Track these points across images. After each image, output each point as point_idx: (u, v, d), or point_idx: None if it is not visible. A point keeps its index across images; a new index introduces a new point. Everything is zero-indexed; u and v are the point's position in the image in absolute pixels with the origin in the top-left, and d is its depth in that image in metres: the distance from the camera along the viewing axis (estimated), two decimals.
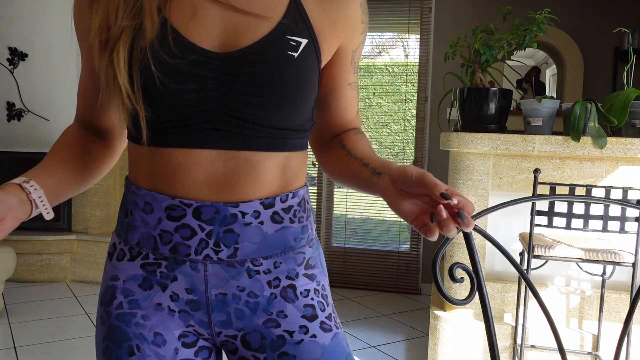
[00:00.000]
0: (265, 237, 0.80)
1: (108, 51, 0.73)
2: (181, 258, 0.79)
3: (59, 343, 2.85)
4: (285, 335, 0.82)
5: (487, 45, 2.30)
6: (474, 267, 0.95)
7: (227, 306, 0.81)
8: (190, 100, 0.74)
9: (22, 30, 3.94)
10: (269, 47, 0.75)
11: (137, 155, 0.81)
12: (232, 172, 0.77)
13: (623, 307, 2.33)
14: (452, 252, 2.46)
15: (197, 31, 0.74)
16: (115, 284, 0.82)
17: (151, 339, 0.80)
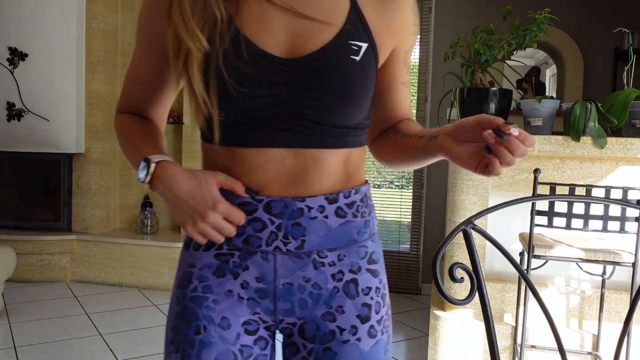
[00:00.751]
0: (330, 230, 0.85)
1: (182, 59, 0.78)
2: (253, 249, 0.85)
3: (59, 343, 2.85)
4: (336, 331, 0.87)
5: (487, 45, 2.30)
6: (474, 267, 0.95)
7: (292, 295, 0.86)
8: (262, 104, 0.79)
9: (22, 30, 3.94)
10: (334, 53, 0.81)
11: (212, 154, 0.87)
12: (300, 169, 0.83)
13: (623, 307, 2.33)
14: (452, 252, 2.46)
15: (266, 38, 0.80)
16: (192, 271, 0.89)
17: (218, 321, 0.86)
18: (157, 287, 3.87)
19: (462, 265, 0.92)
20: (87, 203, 4.10)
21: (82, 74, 4.01)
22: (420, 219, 4.11)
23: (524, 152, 0.73)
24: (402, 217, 4.18)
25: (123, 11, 4.25)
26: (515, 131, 0.73)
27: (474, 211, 2.39)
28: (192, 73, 0.77)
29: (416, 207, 4.12)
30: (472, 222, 0.99)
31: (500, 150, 0.74)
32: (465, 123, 0.76)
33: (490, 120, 0.74)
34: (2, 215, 4.17)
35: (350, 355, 0.87)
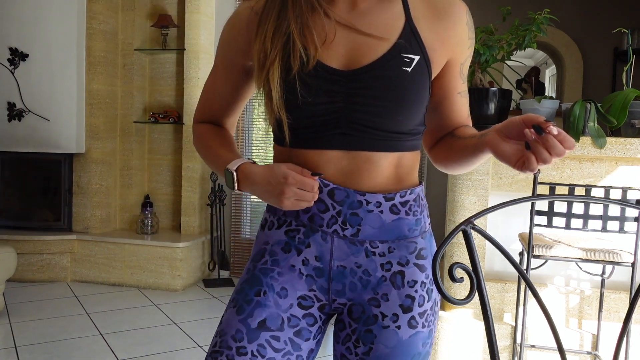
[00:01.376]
0: (384, 224, 0.94)
1: (265, 71, 0.90)
2: (315, 227, 0.95)
3: (59, 343, 2.86)
4: (379, 316, 0.96)
5: (486, 46, 2.30)
6: (474, 267, 0.95)
7: (345, 278, 0.96)
8: (322, 110, 0.90)
9: (23, 31, 3.94)
10: (387, 64, 0.90)
11: (281, 155, 0.99)
12: (355, 169, 0.93)
13: (622, 306, 2.34)
14: (451, 252, 2.46)
15: (327, 53, 0.90)
16: (266, 247, 1.01)
17: (277, 290, 0.96)
18: (157, 287, 3.87)
19: (461, 265, 0.92)
20: (88, 203, 4.10)
21: (82, 74, 4.02)
22: None
23: (560, 152, 0.78)
24: None
25: (123, 11, 4.25)
26: (555, 130, 0.77)
27: (473, 211, 2.39)
28: (274, 77, 0.89)
29: None
30: (472, 222, 0.99)
31: (538, 147, 0.79)
32: (512, 121, 0.82)
33: (534, 118, 0.79)
34: (3, 215, 4.17)
35: (387, 339, 0.95)
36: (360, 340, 0.96)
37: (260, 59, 0.90)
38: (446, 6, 0.98)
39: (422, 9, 0.96)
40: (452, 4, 0.99)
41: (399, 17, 0.93)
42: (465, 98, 1.07)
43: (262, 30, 0.91)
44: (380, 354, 0.95)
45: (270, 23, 0.90)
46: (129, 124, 4.28)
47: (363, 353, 0.96)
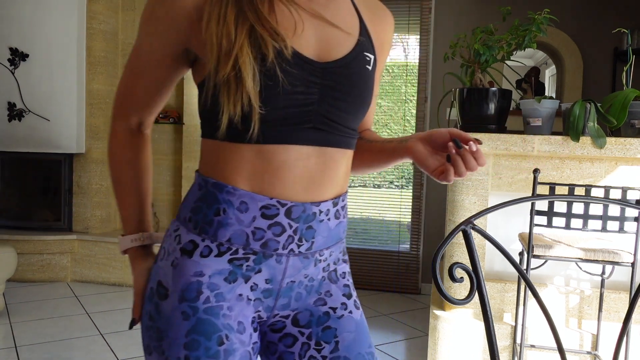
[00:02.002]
0: (330, 231, 0.92)
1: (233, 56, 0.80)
2: (270, 252, 0.88)
3: (59, 342, 2.86)
4: (330, 311, 0.96)
5: (486, 46, 2.30)
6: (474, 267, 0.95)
7: (292, 291, 0.93)
8: (299, 101, 0.84)
9: (23, 31, 3.94)
10: (355, 61, 0.89)
11: (237, 157, 0.87)
12: (321, 169, 0.88)
13: (622, 306, 2.34)
14: (451, 252, 2.46)
15: (299, 42, 0.85)
16: (201, 280, 0.87)
17: (236, 327, 0.88)
18: None
19: (461, 265, 0.92)
20: (88, 203, 4.10)
21: (82, 74, 4.02)
22: (420, 219, 4.12)
23: (473, 167, 0.87)
24: (402, 217, 4.18)
25: (124, 11, 4.25)
26: (473, 147, 0.87)
27: (473, 211, 2.40)
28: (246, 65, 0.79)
29: (416, 207, 4.12)
30: (472, 222, 0.99)
31: (457, 161, 0.87)
32: (438, 131, 0.89)
33: (458, 133, 0.87)
34: (3, 215, 4.18)
35: (348, 325, 0.96)
36: (321, 341, 0.94)
37: (221, 44, 0.80)
38: (381, 11, 1.00)
39: (364, 9, 0.96)
40: (385, 10, 1.02)
41: (353, 15, 0.93)
42: (375, 101, 1.06)
43: (220, 11, 0.82)
44: (348, 342, 0.95)
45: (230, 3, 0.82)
46: None
47: (331, 351, 0.94)
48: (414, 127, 4.12)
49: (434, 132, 0.89)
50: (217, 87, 0.82)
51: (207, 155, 0.91)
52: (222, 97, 0.81)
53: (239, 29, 0.81)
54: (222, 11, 0.81)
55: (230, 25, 0.81)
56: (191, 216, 0.89)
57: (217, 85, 0.82)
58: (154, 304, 0.89)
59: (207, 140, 0.90)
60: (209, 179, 0.88)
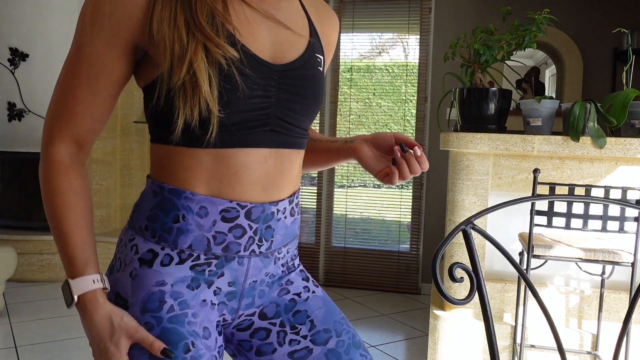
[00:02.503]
0: (287, 229, 0.93)
1: (187, 61, 0.77)
2: (232, 255, 0.87)
3: (59, 343, 2.86)
4: (295, 297, 0.98)
5: (486, 46, 2.30)
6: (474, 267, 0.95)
7: (255, 290, 0.93)
8: (257, 105, 0.83)
9: (23, 31, 3.94)
10: (308, 63, 0.90)
11: (194, 162, 0.83)
12: (279, 170, 0.89)
13: (622, 306, 2.34)
14: (451, 252, 2.46)
15: (255, 44, 0.84)
16: (163, 289, 0.85)
17: (201, 333, 0.86)
18: None
19: (461, 265, 0.92)
20: None
21: None
22: (420, 219, 4.12)
23: (417, 171, 0.91)
24: (402, 217, 4.18)
25: None
26: (418, 152, 0.90)
27: (473, 211, 2.39)
28: (200, 70, 0.77)
29: (416, 207, 4.12)
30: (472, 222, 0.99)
31: (402, 165, 0.90)
32: (384, 135, 0.93)
33: (404, 137, 0.91)
34: (3, 215, 4.18)
35: (314, 304, 0.99)
36: (295, 324, 0.96)
37: (174, 48, 0.77)
38: (327, 12, 1.01)
39: (311, 10, 0.97)
40: (330, 10, 1.03)
41: (303, 16, 0.93)
42: None
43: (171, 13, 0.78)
44: (322, 317, 0.98)
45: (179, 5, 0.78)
46: (129, 124, 4.28)
47: (309, 329, 0.96)
48: (414, 127, 4.12)
49: (379, 135, 0.93)
50: (172, 91, 0.78)
51: (160, 160, 0.86)
52: (178, 101, 0.78)
53: (190, 34, 0.77)
54: (171, 13, 0.78)
55: (181, 29, 0.77)
56: (148, 224, 0.86)
57: (171, 89, 0.78)
58: None
59: (160, 145, 0.85)
60: (165, 185, 0.85)
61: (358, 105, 4.24)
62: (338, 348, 0.96)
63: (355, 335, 1.00)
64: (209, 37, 0.78)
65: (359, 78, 4.25)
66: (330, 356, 0.95)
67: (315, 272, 4.25)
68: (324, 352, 0.95)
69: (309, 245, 4.28)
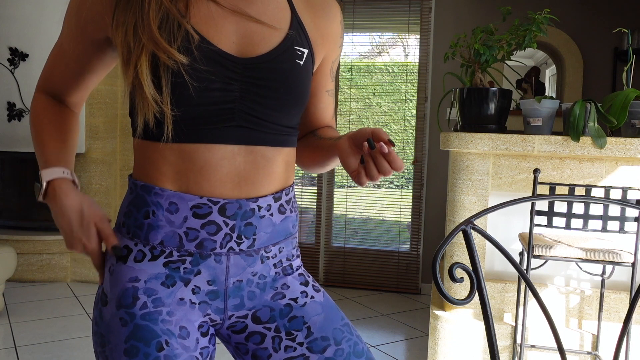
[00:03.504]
0: (275, 226, 0.90)
1: (132, 65, 0.79)
2: (207, 253, 0.85)
3: (59, 343, 2.86)
4: (291, 302, 0.94)
5: (486, 46, 2.30)
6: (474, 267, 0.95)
7: (242, 291, 0.90)
8: (216, 98, 0.82)
9: (23, 31, 3.94)
10: (282, 56, 0.87)
11: (158, 157, 0.85)
12: (251, 167, 0.86)
13: (622, 306, 2.34)
14: (452, 252, 2.46)
15: (218, 37, 0.83)
16: (136, 285, 0.85)
17: (177, 332, 0.84)
18: None
19: (462, 265, 0.92)
20: None
21: None
22: (420, 219, 4.12)
23: (386, 171, 0.79)
24: (402, 217, 4.18)
25: None
26: (385, 149, 0.79)
27: (473, 211, 2.39)
28: (142, 75, 0.79)
29: (416, 207, 4.12)
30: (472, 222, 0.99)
31: (369, 163, 0.80)
32: (363, 130, 0.82)
33: (378, 132, 0.80)
34: (3, 215, 4.17)
35: (313, 310, 0.95)
36: (291, 330, 0.92)
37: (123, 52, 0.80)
38: (323, 3, 0.97)
39: (300, 3, 0.94)
40: (329, 2, 0.98)
41: (285, 8, 0.91)
42: (332, 97, 1.04)
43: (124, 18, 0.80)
44: (320, 324, 0.94)
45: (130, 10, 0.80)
46: (129, 124, 4.27)
47: (305, 336, 0.92)
48: (414, 127, 4.12)
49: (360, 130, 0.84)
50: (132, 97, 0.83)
51: (135, 155, 0.90)
52: (137, 101, 0.81)
53: (137, 39, 0.79)
54: (125, 18, 0.80)
55: (129, 33, 0.79)
56: (124, 221, 0.88)
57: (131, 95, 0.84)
58: (98, 309, 0.88)
59: (134, 139, 0.89)
60: (138, 182, 0.87)
61: (358, 105, 4.24)
62: (336, 357, 0.92)
63: (358, 343, 0.95)
64: (155, 40, 0.78)
65: (359, 78, 4.25)
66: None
67: (315, 272, 4.25)
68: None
69: (309, 245, 4.28)
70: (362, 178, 0.82)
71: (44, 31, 3.94)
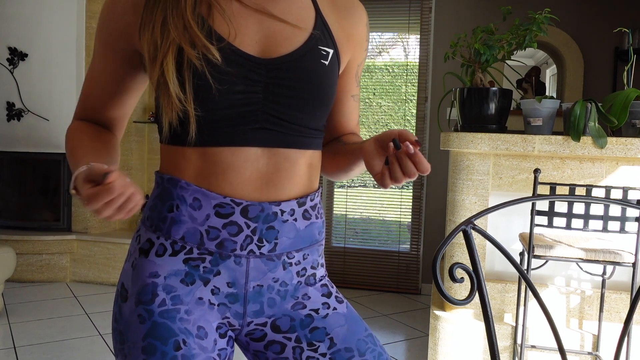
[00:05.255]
0: (298, 232, 0.89)
1: (158, 63, 0.78)
2: (227, 253, 0.84)
3: (58, 343, 2.85)
4: (312, 313, 0.92)
5: (487, 45, 2.30)
6: (474, 267, 0.95)
7: (262, 296, 0.88)
8: (239, 100, 0.81)
9: (22, 30, 3.93)
10: (306, 56, 0.85)
11: (181, 159, 0.85)
12: (274, 170, 0.84)
13: (623, 307, 2.33)
14: (452, 252, 2.46)
15: (240, 38, 0.82)
16: (156, 281, 0.84)
17: (195, 332, 0.83)
18: None
19: (462, 265, 0.91)
20: None
21: (81, 74, 4.01)
22: (420, 219, 4.11)
23: (411, 173, 0.76)
24: (402, 217, 4.18)
25: None
26: (411, 149, 0.76)
27: (474, 211, 2.39)
28: (168, 72, 0.78)
29: (416, 207, 4.12)
30: (472, 222, 0.98)
31: (394, 164, 0.77)
32: (390, 131, 0.80)
33: (406, 134, 0.77)
34: (2, 215, 4.17)
35: (336, 322, 0.92)
36: (313, 341, 0.91)
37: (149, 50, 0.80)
38: (348, 4, 0.95)
39: (325, 3, 0.92)
40: (354, 2, 0.96)
41: (309, 8, 0.89)
42: (357, 102, 1.02)
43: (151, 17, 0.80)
44: (343, 335, 0.92)
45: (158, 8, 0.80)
46: (129, 124, 4.28)
47: (328, 347, 0.90)
48: (414, 127, 4.12)
49: (387, 131, 0.80)
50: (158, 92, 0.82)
51: (161, 158, 0.90)
52: (162, 101, 0.80)
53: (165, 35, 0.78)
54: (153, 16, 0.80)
55: (156, 31, 0.79)
56: (149, 214, 0.88)
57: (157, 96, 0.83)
58: (117, 306, 0.87)
59: (161, 144, 0.89)
60: (165, 175, 0.87)
61: None
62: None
63: (382, 354, 0.94)
64: (183, 36, 0.78)
65: None
66: None
67: None
68: None
69: None
70: (385, 179, 0.79)
71: (44, 31, 3.93)
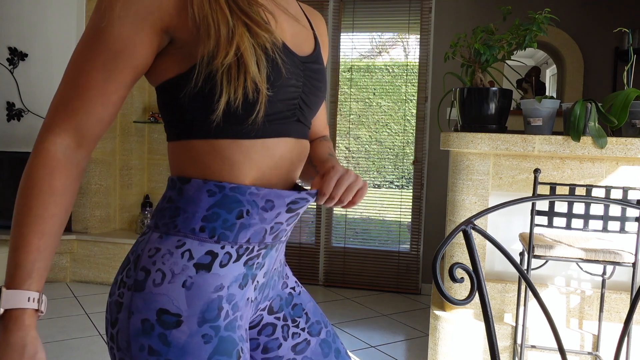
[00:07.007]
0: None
1: (234, 46, 0.74)
2: (276, 242, 0.88)
3: (58, 343, 2.85)
4: (291, 291, 1.00)
5: (487, 45, 2.29)
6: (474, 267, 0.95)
7: (272, 280, 0.94)
8: (290, 94, 0.83)
9: (22, 30, 3.93)
10: (319, 56, 0.91)
11: (238, 155, 0.80)
12: (298, 160, 0.89)
13: (623, 307, 2.33)
14: (452, 252, 2.46)
15: (282, 34, 0.84)
16: (221, 294, 0.80)
17: (245, 336, 0.85)
18: None
19: (462, 265, 0.91)
20: (87, 203, 4.10)
21: None
22: (420, 219, 4.11)
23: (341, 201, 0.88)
24: (402, 217, 4.18)
25: None
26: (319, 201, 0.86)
27: (474, 211, 2.39)
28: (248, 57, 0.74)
29: (416, 207, 4.11)
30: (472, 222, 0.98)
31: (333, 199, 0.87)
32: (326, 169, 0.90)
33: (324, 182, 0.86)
34: (2, 215, 4.17)
35: (306, 297, 1.02)
36: (295, 317, 0.98)
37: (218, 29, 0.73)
38: (315, 13, 1.02)
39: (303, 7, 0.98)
40: (318, 13, 1.04)
41: (302, 13, 0.95)
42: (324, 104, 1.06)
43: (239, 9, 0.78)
44: (312, 310, 1.01)
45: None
46: (129, 124, 4.28)
47: (306, 322, 0.99)
48: (414, 127, 4.12)
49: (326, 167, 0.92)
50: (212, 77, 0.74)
51: (201, 157, 0.80)
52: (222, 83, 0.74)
53: (235, 15, 0.75)
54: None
55: (225, 9, 0.75)
56: (204, 225, 0.80)
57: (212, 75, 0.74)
58: (155, 336, 0.75)
59: (196, 141, 0.79)
60: (226, 184, 0.80)
61: (358, 105, 4.23)
62: (327, 337, 1.00)
63: None
64: (254, 20, 0.78)
65: (359, 78, 4.25)
66: (324, 346, 0.99)
67: (315, 272, 4.24)
68: (318, 342, 0.98)
69: (309, 245, 4.27)
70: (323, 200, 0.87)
71: (44, 31, 3.93)
